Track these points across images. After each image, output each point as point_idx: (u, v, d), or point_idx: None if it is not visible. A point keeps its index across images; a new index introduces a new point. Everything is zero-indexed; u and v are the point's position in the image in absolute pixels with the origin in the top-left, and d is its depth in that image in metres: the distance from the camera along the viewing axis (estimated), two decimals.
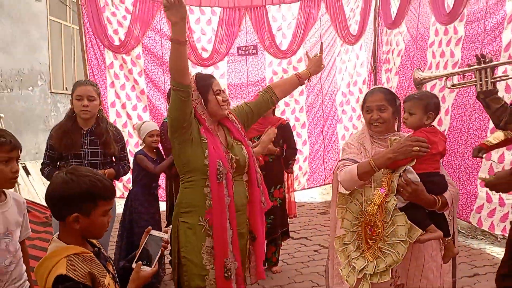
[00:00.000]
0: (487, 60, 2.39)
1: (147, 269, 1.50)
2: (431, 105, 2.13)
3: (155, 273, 1.54)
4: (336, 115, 6.73)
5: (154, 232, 1.59)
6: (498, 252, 4.39)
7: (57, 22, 7.21)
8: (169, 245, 1.64)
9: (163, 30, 6.09)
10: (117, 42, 5.94)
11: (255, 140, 3.88)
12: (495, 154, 4.20)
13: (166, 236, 1.59)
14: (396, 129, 2.33)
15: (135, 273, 1.48)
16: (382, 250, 2.04)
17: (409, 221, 1.99)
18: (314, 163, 6.75)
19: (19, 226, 2.01)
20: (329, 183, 6.99)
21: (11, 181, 1.89)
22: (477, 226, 4.65)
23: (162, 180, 4.38)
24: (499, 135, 3.30)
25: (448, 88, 2.84)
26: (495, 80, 2.43)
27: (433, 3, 5.11)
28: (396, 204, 2.00)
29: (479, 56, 2.42)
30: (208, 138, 2.17)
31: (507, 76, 2.58)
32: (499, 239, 4.72)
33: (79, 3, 5.62)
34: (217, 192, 2.11)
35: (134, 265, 1.50)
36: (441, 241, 2.19)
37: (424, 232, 2.01)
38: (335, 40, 6.47)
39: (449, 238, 2.17)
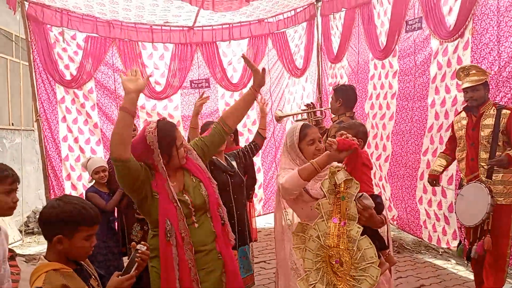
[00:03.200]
0: (311, 107, 4.35)
1: (122, 277, 1.67)
2: (360, 133, 2.39)
3: (130, 280, 1.67)
4: None
5: (138, 246, 1.75)
6: (441, 265, 4.76)
7: (3, 57, 7.06)
8: (145, 256, 1.75)
9: (115, 65, 6.18)
10: (68, 77, 5.94)
11: None
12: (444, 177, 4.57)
13: (142, 248, 1.74)
14: None
15: (110, 280, 1.67)
16: (355, 278, 2.06)
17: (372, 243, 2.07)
18: (268, 189, 6.97)
19: (5, 257, 2.16)
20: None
21: (11, 209, 2.08)
22: (427, 242, 5.05)
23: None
24: (442, 162, 3.87)
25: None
26: (316, 118, 4.32)
27: (368, 40, 5.62)
28: (359, 231, 2.06)
29: (309, 104, 4.39)
30: (159, 194, 2.15)
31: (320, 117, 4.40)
32: (440, 253, 5.12)
33: (29, 39, 5.60)
34: (165, 251, 2.12)
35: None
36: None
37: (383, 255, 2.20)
38: (283, 73, 6.87)
39: (388, 250, 2.34)
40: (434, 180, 3.92)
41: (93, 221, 1.64)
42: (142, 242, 1.79)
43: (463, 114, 3.64)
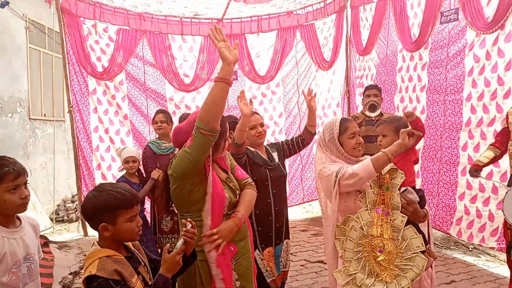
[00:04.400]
0: None
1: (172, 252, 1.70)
2: (401, 126, 2.34)
3: (180, 254, 1.70)
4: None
5: (187, 224, 1.79)
6: (471, 261, 4.68)
7: (36, 49, 7.23)
8: (189, 234, 1.76)
9: (145, 57, 6.24)
10: (100, 69, 6.04)
11: None
12: (483, 172, 4.44)
13: (188, 226, 1.77)
14: None
15: (163, 257, 1.70)
16: (400, 268, 2.06)
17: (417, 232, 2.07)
18: (293, 182, 6.96)
19: (37, 248, 2.06)
20: (308, 201, 7.22)
21: (22, 206, 1.87)
22: (457, 238, 4.94)
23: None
24: (489, 154, 3.66)
25: None
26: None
27: (400, 32, 5.52)
28: (404, 221, 2.07)
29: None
30: (213, 179, 2.07)
31: None
32: (470, 249, 5.03)
33: (63, 32, 5.71)
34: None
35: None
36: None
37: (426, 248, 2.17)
38: (311, 66, 6.81)
39: (428, 245, 2.32)
40: (476, 170, 3.71)
41: (131, 202, 1.65)
42: (188, 220, 1.80)
43: None
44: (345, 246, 2.17)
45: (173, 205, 3.65)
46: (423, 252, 2.10)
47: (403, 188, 2.14)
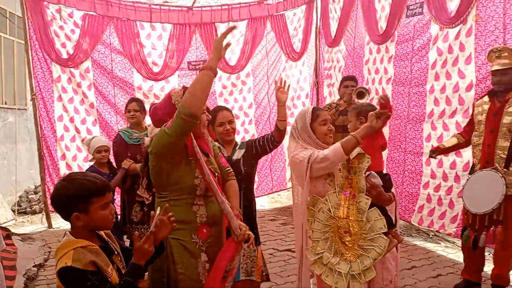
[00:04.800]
0: None
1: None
2: (362, 112, 2.56)
3: (150, 239, 1.68)
4: None
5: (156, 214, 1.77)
6: (431, 247, 4.89)
7: None
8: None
9: (113, 44, 6.10)
10: (65, 56, 5.86)
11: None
12: (447, 162, 4.65)
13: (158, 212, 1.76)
14: None
15: (135, 244, 1.69)
16: (363, 248, 2.17)
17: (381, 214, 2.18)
18: (262, 173, 7.02)
19: None
20: (276, 191, 7.30)
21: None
22: (418, 225, 5.15)
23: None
24: (453, 140, 3.82)
25: None
26: None
27: (367, 25, 5.63)
28: (368, 203, 2.18)
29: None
30: (196, 159, 2.11)
31: None
32: (431, 236, 5.25)
33: (26, 16, 5.50)
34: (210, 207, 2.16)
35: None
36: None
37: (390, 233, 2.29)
38: (280, 56, 6.85)
39: (395, 229, 2.45)
40: (434, 152, 3.85)
41: (103, 190, 1.64)
42: (166, 206, 1.79)
43: (486, 98, 3.51)
44: (313, 227, 2.28)
45: (143, 194, 3.64)
46: (385, 234, 2.20)
47: (367, 173, 2.24)
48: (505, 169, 3.29)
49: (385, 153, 5.52)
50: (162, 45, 6.32)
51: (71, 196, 1.59)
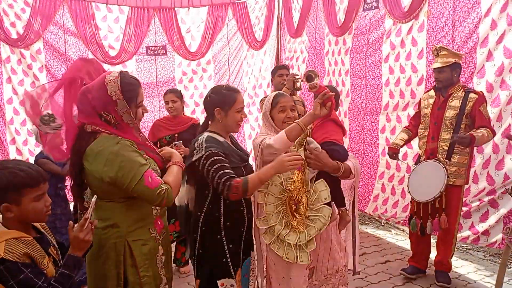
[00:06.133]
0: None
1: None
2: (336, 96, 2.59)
3: (83, 231, 1.61)
4: None
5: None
6: (382, 235, 5.13)
7: None
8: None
9: (66, 25, 5.91)
10: (14, 36, 5.63)
11: (166, 139, 4.00)
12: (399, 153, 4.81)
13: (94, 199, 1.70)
14: None
15: (69, 234, 1.62)
16: (310, 218, 2.28)
17: (327, 186, 2.30)
18: None
19: None
20: None
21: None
22: (371, 214, 5.37)
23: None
24: (403, 136, 4.01)
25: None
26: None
27: (327, 17, 5.74)
28: (309, 174, 2.28)
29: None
30: (145, 152, 1.98)
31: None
32: (382, 224, 5.49)
33: None
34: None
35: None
36: (337, 210, 2.54)
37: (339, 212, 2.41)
38: (242, 44, 6.86)
39: (343, 208, 2.53)
40: (394, 153, 4.05)
41: (36, 181, 1.57)
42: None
43: (432, 92, 3.72)
44: (267, 200, 2.36)
45: None
46: (328, 204, 2.32)
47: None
48: (447, 160, 3.50)
49: (346, 144, 5.69)
50: (119, 28, 6.18)
51: (1, 186, 1.52)
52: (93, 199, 1.70)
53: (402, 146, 4.08)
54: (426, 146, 3.70)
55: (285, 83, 3.89)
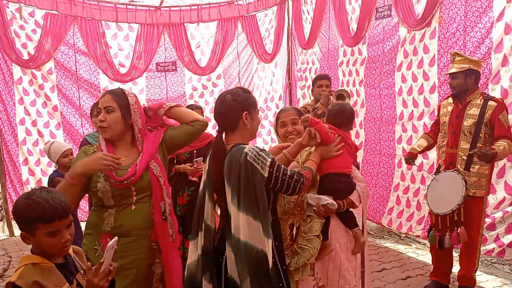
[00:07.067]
0: None
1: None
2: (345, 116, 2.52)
3: (101, 274, 1.58)
4: None
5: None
6: (402, 249, 5.02)
7: None
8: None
9: (77, 45, 6.05)
10: (26, 57, 5.78)
11: (185, 156, 3.98)
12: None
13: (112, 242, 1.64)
14: None
15: (87, 275, 1.60)
16: (301, 246, 2.27)
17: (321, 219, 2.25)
18: None
19: None
20: None
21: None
22: (387, 227, 5.28)
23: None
24: (423, 142, 3.93)
25: None
26: None
27: (339, 27, 5.74)
28: (306, 202, 2.26)
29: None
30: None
31: None
32: (402, 238, 5.38)
33: None
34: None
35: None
36: (350, 232, 2.48)
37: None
38: (252, 58, 6.92)
39: (356, 229, 2.47)
40: (411, 158, 3.95)
41: (50, 218, 1.51)
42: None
43: (450, 99, 3.64)
44: None
45: None
46: (319, 236, 2.28)
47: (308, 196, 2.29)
48: (466, 171, 3.42)
49: (360, 155, 5.63)
50: (129, 46, 6.31)
51: (17, 215, 1.56)
52: (110, 243, 1.61)
53: (420, 153, 4.00)
54: (445, 156, 3.63)
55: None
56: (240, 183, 1.88)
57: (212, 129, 6.73)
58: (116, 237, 1.68)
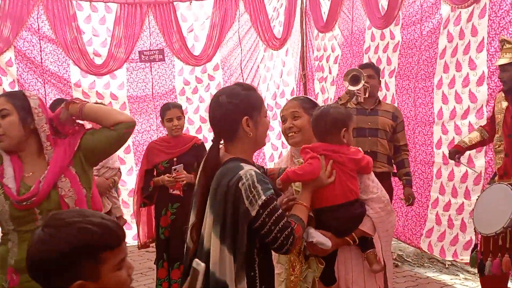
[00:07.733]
0: None
1: None
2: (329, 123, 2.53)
3: None
4: None
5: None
6: (447, 280, 4.98)
7: None
8: None
9: (42, 30, 6.07)
10: None
11: (163, 165, 4.08)
12: (458, 174, 4.77)
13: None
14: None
15: None
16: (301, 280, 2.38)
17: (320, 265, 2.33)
18: None
19: None
20: None
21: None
22: (428, 252, 5.23)
23: None
24: (475, 136, 3.90)
25: None
26: None
27: (366, 5, 5.74)
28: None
29: None
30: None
31: None
32: (447, 266, 5.34)
33: None
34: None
35: None
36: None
37: None
38: (257, 44, 6.93)
39: (369, 251, 2.43)
40: (457, 152, 3.91)
41: (118, 238, 1.29)
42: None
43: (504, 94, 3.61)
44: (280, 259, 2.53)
45: None
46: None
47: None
48: None
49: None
50: (106, 31, 6.33)
51: (67, 254, 1.21)
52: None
53: (469, 149, 3.98)
54: (501, 163, 3.59)
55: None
56: (226, 208, 1.86)
57: (208, 133, 6.76)
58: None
